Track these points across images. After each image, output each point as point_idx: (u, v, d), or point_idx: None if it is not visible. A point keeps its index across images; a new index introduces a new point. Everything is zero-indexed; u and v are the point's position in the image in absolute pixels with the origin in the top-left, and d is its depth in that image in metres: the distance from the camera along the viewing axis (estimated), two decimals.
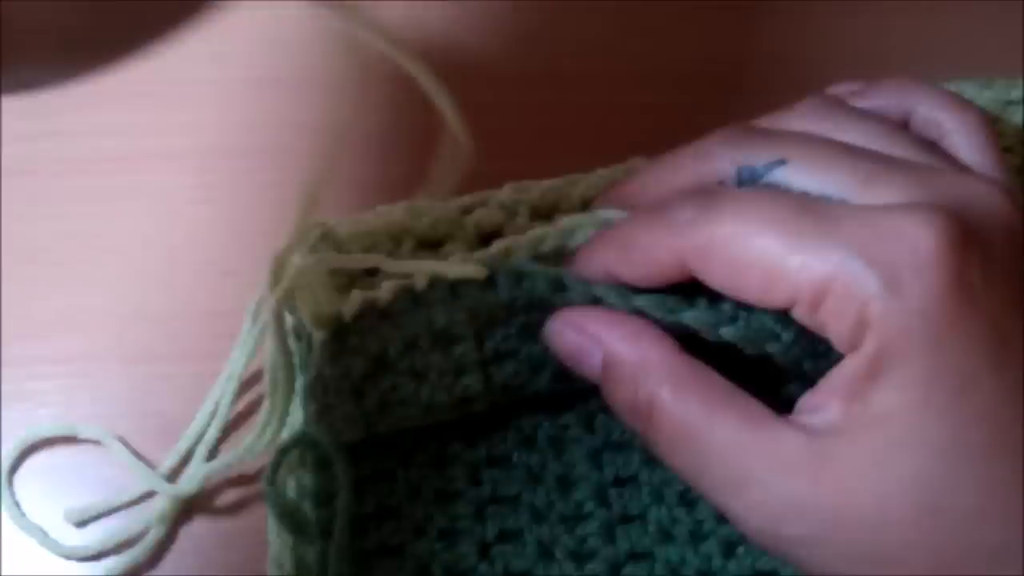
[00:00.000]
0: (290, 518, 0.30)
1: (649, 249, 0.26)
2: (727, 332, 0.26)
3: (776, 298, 0.25)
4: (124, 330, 0.36)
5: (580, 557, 0.31)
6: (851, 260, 0.23)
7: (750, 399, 0.25)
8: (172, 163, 0.40)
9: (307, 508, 0.30)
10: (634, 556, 0.31)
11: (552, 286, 0.28)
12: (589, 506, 0.31)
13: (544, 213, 0.33)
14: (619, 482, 0.32)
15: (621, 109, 0.42)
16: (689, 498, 0.31)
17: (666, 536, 0.31)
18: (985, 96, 0.35)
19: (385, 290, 0.28)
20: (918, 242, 0.23)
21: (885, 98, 0.31)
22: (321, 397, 0.29)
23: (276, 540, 0.30)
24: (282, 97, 0.42)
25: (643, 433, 0.27)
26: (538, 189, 0.33)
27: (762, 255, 0.24)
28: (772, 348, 0.26)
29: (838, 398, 0.24)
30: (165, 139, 0.40)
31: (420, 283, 0.28)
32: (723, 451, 0.25)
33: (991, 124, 0.30)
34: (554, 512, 0.31)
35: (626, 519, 0.31)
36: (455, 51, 0.44)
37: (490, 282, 0.28)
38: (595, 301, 0.28)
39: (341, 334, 0.28)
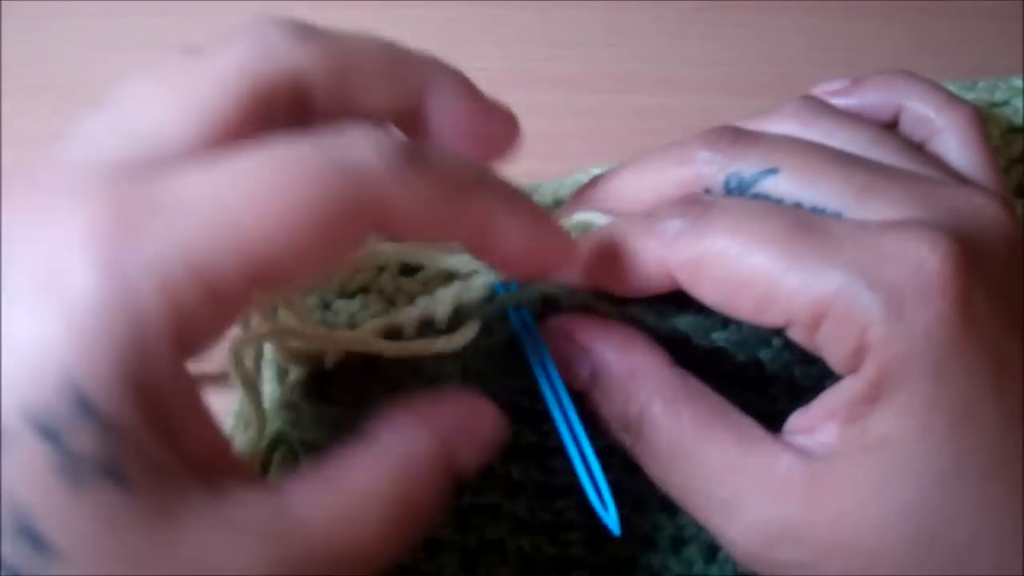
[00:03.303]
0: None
1: (636, 260, 0.25)
2: (720, 337, 0.25)
3: (771, 318, 0.24)
4: None
5: (563, 565, 0.31)
6: (852, 282, 0.23)
7: (744, 417, 0.25)
8: None
9: None
10: (616, 563, 0.31)
11: (542, 303, 0.27)
12: (570, 514, 0.31)
13: None
14: None
15: (621, 109, 0.42)
16: (670, 504, 0.31)
17: (648, 543, 0.31)
18: (968, 98, 0.33)
19: (372, 343, 0.27)
20: (922, 265, 0.22)
21: (873, 95, 0.30)
22: (295, 424, 0.28)
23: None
24: None
25: (632, 447, 0.26)
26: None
27: (757, 274, 0.23)
28: (763, 354, 0.26)
29: (836, 421, 0.23)
30: None
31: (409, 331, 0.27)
32: (715, 470, 0.24)
33: (983, 121, 0.29)
34: (536, 521, 0.31)
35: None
36: (456, 51, 0.44)
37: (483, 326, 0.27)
38: (584, 309, 0.27)
39: (321, 379, 0.27)
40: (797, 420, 0.24)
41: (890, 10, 0.45)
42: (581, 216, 0.28)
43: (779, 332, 0.25)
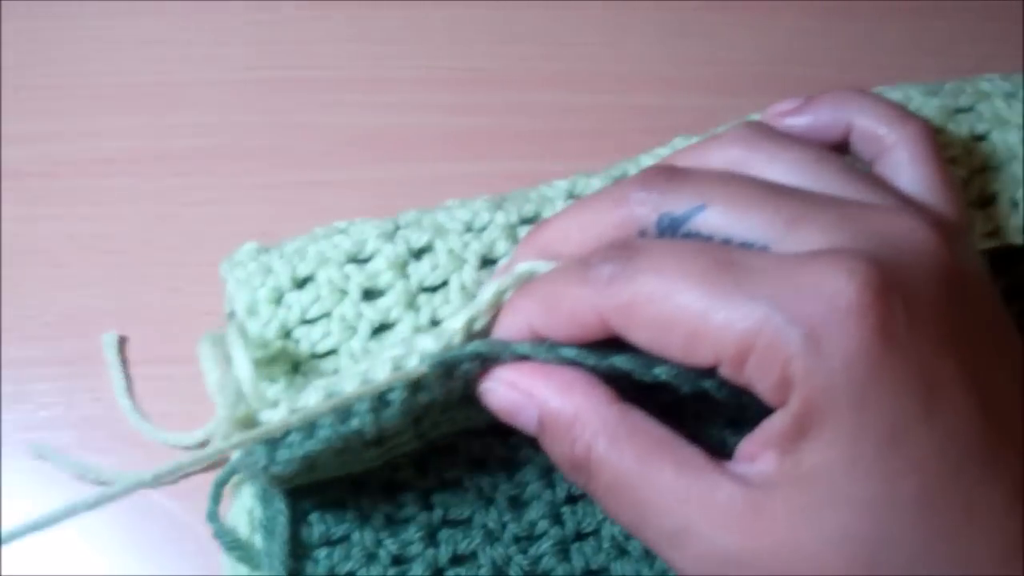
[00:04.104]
0: (239, 549, 0.30)
1: (572, 308, 0.26)
2: (661, 371, 0.25)
3: (700, 357, 0.24)
4: (124, 330, 0.36)
5: None
6: (772, 316, 0.23)
7: (687, 446, 0.25)
8: (172, 163, 0.40)
9: (257, 539, 0.30)
10: (589, 573, 0.31)
11: (479, 362, 0.27)
12: (542, 525, 0.31)
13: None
14: (572, 500, 0.32)
15: (621, 109, 0.42)
16: None
17: (621, 552, 0.31)
18: (932, 104, 0.33)
19: (314, 406, 0.27)
20: (837, 294, 0.22)
21: (823, 114, 0.30)
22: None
23: (230, 570, 0.31)
24: (282, 97, 0.42)
25: (584, 487, 0.26)
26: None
27: (684, 313, 0.23)
28: (707, 384, 0.25)
29: (771, 450, 0.23)
30: (165, 140, 0.41)
31: (351, 398, 0.27)
32: (660, 501, 0.24)
33: (934, 135, 0.29)
34: (507, 533, 0.31)
35: (580, 536, 0.31)
36: (456, 51, 0.44)
37: (419, 383, 0.27)
38: (524, 359, 0.27)
39: (269, 443, 0.27)
40: (743, 447, 0.24)
41: (889, 10, 0.45)
42: (525, 267, 0.28)
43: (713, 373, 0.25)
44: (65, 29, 0.43)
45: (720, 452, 0.25)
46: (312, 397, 0.27)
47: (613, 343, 0.26)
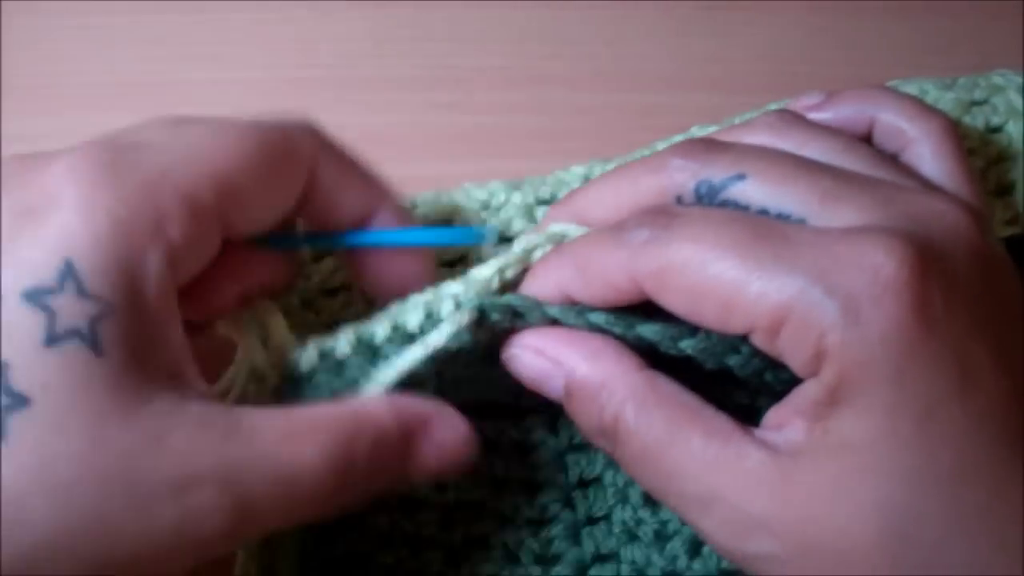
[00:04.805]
0: None
1: (605, 271, 0.26)
2: (687, 345, 0.26)
3: (734, 325, 0.24)
4: None
5: (546, 560, 0.31)
6: (809, 289, 0.23)
7: (716, 414, 0.25)
8: None
9: None
10: (600, 558, 0.31)
11: (510, 315, 0.27)
12: (554, 509, 0.32)
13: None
14: (584, 484, 0.32)
15: (622, 108, 0.42)
16: (653, 499, 0.31)
17: (631, 537, 0.31)
18: (947, 98, 0.34)
19: (343, 343, 0.28)
20: (877, 269, 0.23)
21: (846, 109, 0.30)
22: None
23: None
24: (282, 97, 0.42)
25: (611, 453, 0.26)
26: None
27: (720, 281, 0.24)
28: (732, 361, 0.26)
29: (801, 418, 0.24)
30: None
31: (380, 336, 0.28)
32: (688, 468, 0.24)
33: (956, 131, 0.29)
34: (519, 516, 0.31)
35: (591, 521, 0.32)
36: (456, 51, 0.44)
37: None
38: (552, 322, 0.27)
39: (297, 382, 0.28)
40: (771, 415, 0.25)
41: (892, 9, 0.45)
42: (557, 227, 0.28)
43: (745, 339, 0.25)
44: (65, 29, 0.43)
45: (745, 423, 0.25)
46: (342, 341, 0.27)
47: (640, 309, 0.26)
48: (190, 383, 0.24)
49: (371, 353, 0.27)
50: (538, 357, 0.27)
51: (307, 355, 0.28)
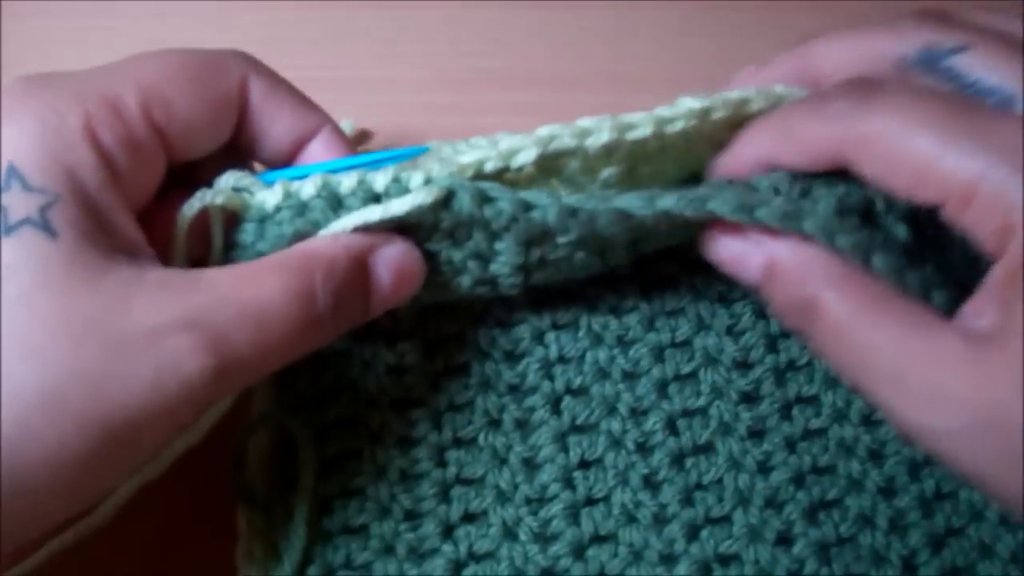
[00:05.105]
0: (254, 501, 0.31)
1: (805, 137, 0.27)
2: (878, 261, 0.27)
3: (925, 195, 0.25)
4: None
5: (544, 539, 0.31)
6: (999, 166, 0.24)
7: (911, 302, 0.26)
8: None
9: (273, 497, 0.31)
10: (597, 539, 0.31)
11: (479, 199, 0.29)
12: (554, 488, 0.32)
13: None
14: (584, 465, 0.32)
15: (622, 108, 0.42)
16: (654, 481, 0.32)
17: (630, 519, 0.31)
18: None
19: (309, 185, 0.29)
20: None
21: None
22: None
23: (245, 532, 0.31)
24: None
25: (804, 331, 0.27)
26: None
27: (914, 154, 0.25)
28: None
29: (992, 305, 0.24)
30: None
31: (345, 187, 0.29)
32: (883, 346, 0.25)
33: None
34: (519, 494, 0.32)
35: (590, 502, 0.32)
36: (456, 51, 0.44)
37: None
38: (527, 207, 0.29)
39: (261, 223, 0.29)
40: (966, 307, 0.25)
41: (892, 10, 0.45)
42: (779, 89, 0.30)
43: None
44: (65, 29, 0.43)
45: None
46: (308, 184, 0.29)
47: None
48: (148, 261, 0.27)
49: (335, 202, 0.29)
50: (739, 240, 0.28)
51: (272, 193, 0.29)
